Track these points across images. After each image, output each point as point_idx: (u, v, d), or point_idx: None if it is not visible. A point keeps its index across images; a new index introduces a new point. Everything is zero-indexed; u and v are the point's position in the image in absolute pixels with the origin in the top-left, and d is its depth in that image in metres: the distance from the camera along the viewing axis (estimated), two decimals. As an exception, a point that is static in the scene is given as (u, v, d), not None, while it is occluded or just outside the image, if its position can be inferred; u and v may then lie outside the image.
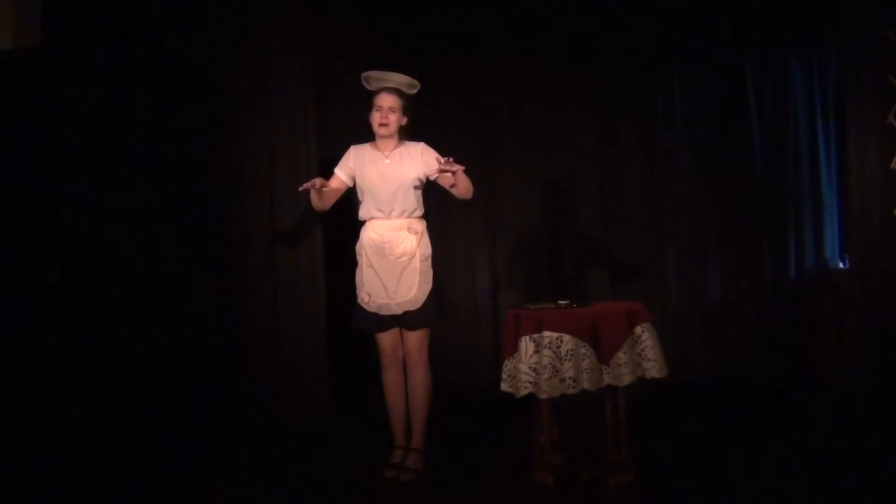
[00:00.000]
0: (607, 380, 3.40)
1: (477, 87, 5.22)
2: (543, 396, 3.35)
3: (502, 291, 5.29)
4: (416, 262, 3.54)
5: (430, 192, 3.74)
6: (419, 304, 3.53)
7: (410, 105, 3.60)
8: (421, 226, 3.60)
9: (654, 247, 5.26)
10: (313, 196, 3.61)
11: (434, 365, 3.69)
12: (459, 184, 3.50)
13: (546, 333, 3.39)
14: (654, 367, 3.47)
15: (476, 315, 5.29)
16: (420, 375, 3.61)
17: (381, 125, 3.54)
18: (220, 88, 4.34)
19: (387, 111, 3.54)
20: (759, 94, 5.17)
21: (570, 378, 3.34)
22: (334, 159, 3.73)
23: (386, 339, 3.62)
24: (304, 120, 4.42)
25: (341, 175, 3.65)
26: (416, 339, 3.58)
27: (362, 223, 3.63)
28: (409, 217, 3.56)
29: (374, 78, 3.59)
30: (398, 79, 3.57)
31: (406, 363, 3.63)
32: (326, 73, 4.60)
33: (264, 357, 4.39)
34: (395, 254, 3.53)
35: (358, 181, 3.61)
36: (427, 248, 3.60)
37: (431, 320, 3.59)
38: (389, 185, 3.54)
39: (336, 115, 4.71)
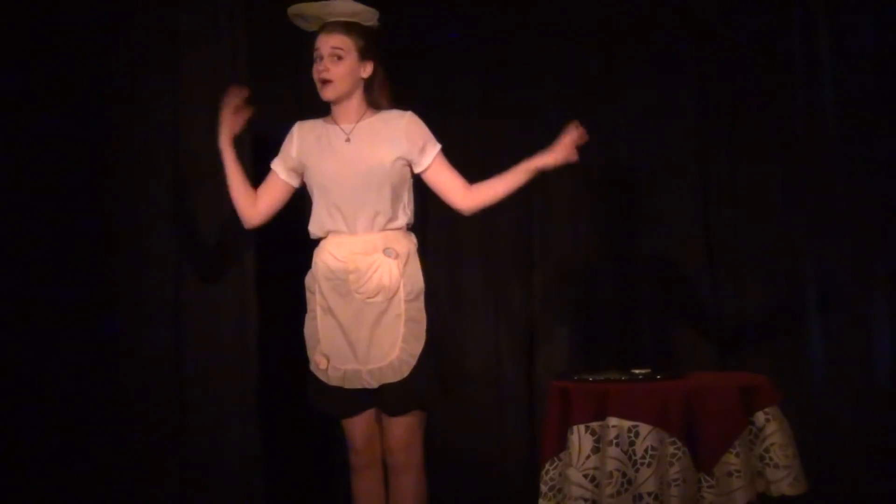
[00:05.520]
0: (710, 497, 3.41)
1: (498, 30, 5.24)
2: (607, 523, 3.38)
3: (541, 351, 5.30)
4: (400, 304, 3.53)
5: (424, 187, 3.73)
6: (405, 373, 3.52)
7: (376, 47, 3.61)
8: (406, 244, 3.60)
9: (787, 283, 5.25)
10: (236, 188, 3.60)
11: (433, 468, 3.70)
12: (521, 182, 3.59)
13: (612, 421, 3.42)
14: (784, 479, 3.51)
15: (500, 390, 5.30)
16: (408, 485, 3.61)
17: (322, 81, 3.56)
18: (101, 43, 4.40)
19: (327, 59, 3.55)
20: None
21: (649, 494, 3.36)
22: (278, 141, 3.73)
23: (357, 426, 3.62)
24: (231, 79, 4.43)
25: (280, 171, 3.66)
26: (401, 431, 3.56)
27: (315, 243, 3.64)
28: (385, 230, 3.57)
29: (304, 14, 3.61)
30: (340, 7, 3.57)
31: (387, 465, 3.64)
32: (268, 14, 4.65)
33: (162, 464, 4.39)
34: (364, 290, 3.52)
35: (306, 176, 3.63)
36: (417, 280, 3.59)
37: (425, 399, 3.59)
38: (352, 177, 3.54)
39: (282, 75, 4.76)
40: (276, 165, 3.68)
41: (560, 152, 3.56)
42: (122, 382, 4.38)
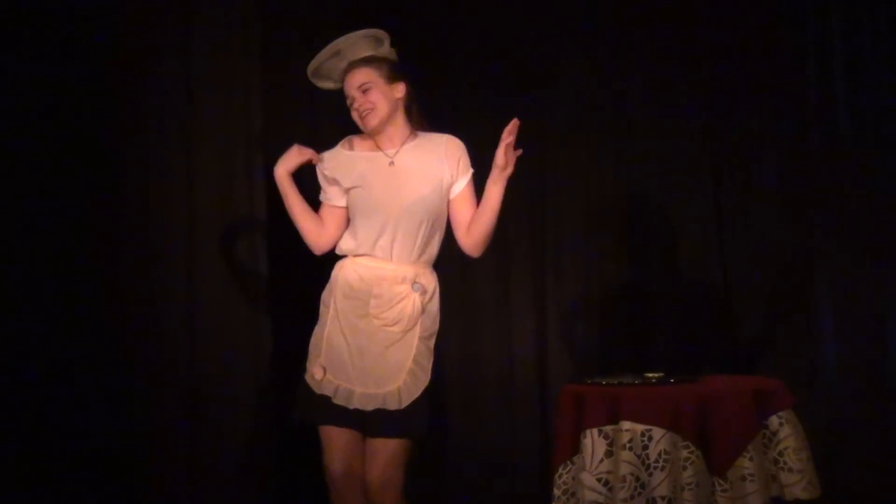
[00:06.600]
0: (723, 501, 3.42)
1: (506, 34, 5.25)
2: (620, 527, 3.37)
3: (555, 356, 5.30)
4: (414, 338, 3.49)
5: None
6: (404, 405, 3.46)
7: (398, 69, 3.58)
8: (432, 281, 3.57)
9: (799, 286, 5.24)
10: (301, 216, 3.58)
11: (445, 471, 3.67)
12: (495, 201, 3.46)
13: (626, 425, 3.42)
14: (798, 483, 3.50)
15: (513, 393, 5.30)
16: None
17: (366, 114, 3.52)
18: (111, 56, 4.43)
19: (358, 96, 3.52)
20: None
21: (662, 498, 3.36)
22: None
23: (337, 441, 3.48)
24: (245, 106, 4.55)
25: (334, 199, 3.59)
26: (385, 459, 3.42)
27: (339, 259, 3.61)
28: (417, 262, 3.53)
29: (322, 67, 3.59)
30: (352, 43, 3.53)
31: (366, 493, 3.48)
32: (283, 32, 4.68)
33: (172, 463, 4.42)
34: (384, 317, 3.48)
35: (349, 196, 3.57)
36: (435, 319, 3.56)
37: (415, 430, 3.47)
38: (398, 202, 3.49)
39: (297, 102, 4.78)
40: (327, 198, 3.61)
41: (500, 159, 3.41)
42: (134, 382, 4.39)
